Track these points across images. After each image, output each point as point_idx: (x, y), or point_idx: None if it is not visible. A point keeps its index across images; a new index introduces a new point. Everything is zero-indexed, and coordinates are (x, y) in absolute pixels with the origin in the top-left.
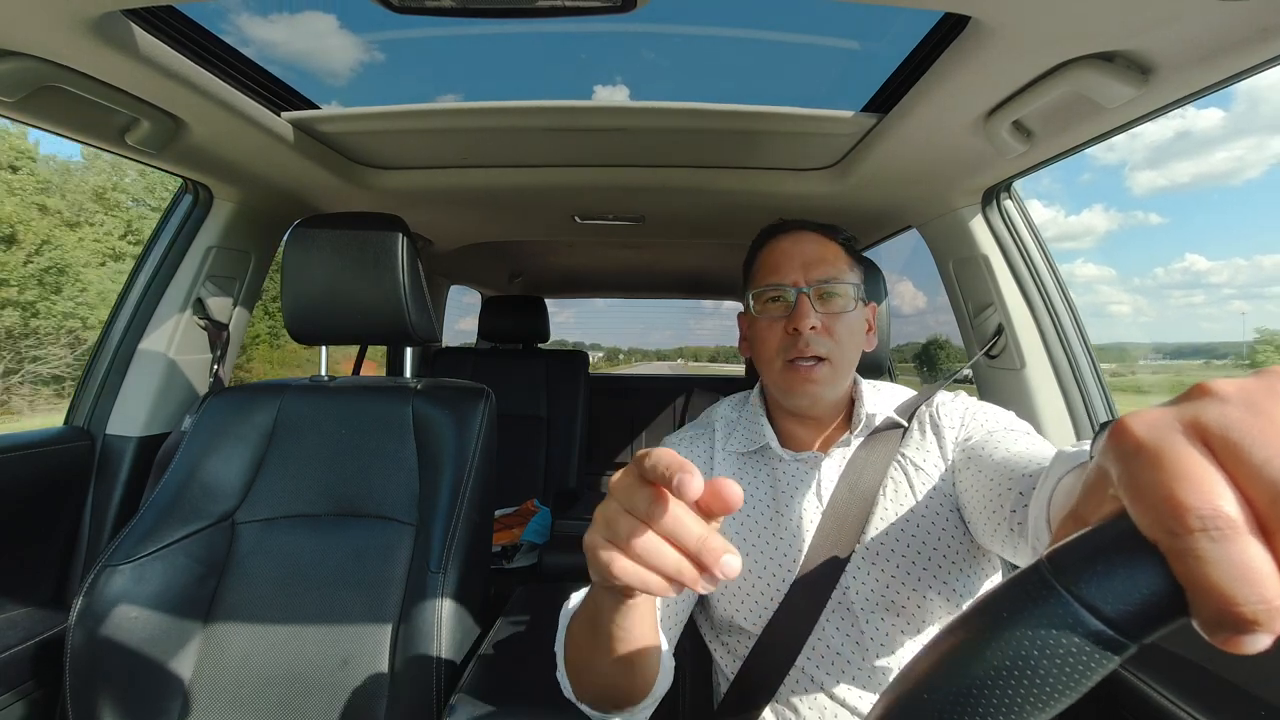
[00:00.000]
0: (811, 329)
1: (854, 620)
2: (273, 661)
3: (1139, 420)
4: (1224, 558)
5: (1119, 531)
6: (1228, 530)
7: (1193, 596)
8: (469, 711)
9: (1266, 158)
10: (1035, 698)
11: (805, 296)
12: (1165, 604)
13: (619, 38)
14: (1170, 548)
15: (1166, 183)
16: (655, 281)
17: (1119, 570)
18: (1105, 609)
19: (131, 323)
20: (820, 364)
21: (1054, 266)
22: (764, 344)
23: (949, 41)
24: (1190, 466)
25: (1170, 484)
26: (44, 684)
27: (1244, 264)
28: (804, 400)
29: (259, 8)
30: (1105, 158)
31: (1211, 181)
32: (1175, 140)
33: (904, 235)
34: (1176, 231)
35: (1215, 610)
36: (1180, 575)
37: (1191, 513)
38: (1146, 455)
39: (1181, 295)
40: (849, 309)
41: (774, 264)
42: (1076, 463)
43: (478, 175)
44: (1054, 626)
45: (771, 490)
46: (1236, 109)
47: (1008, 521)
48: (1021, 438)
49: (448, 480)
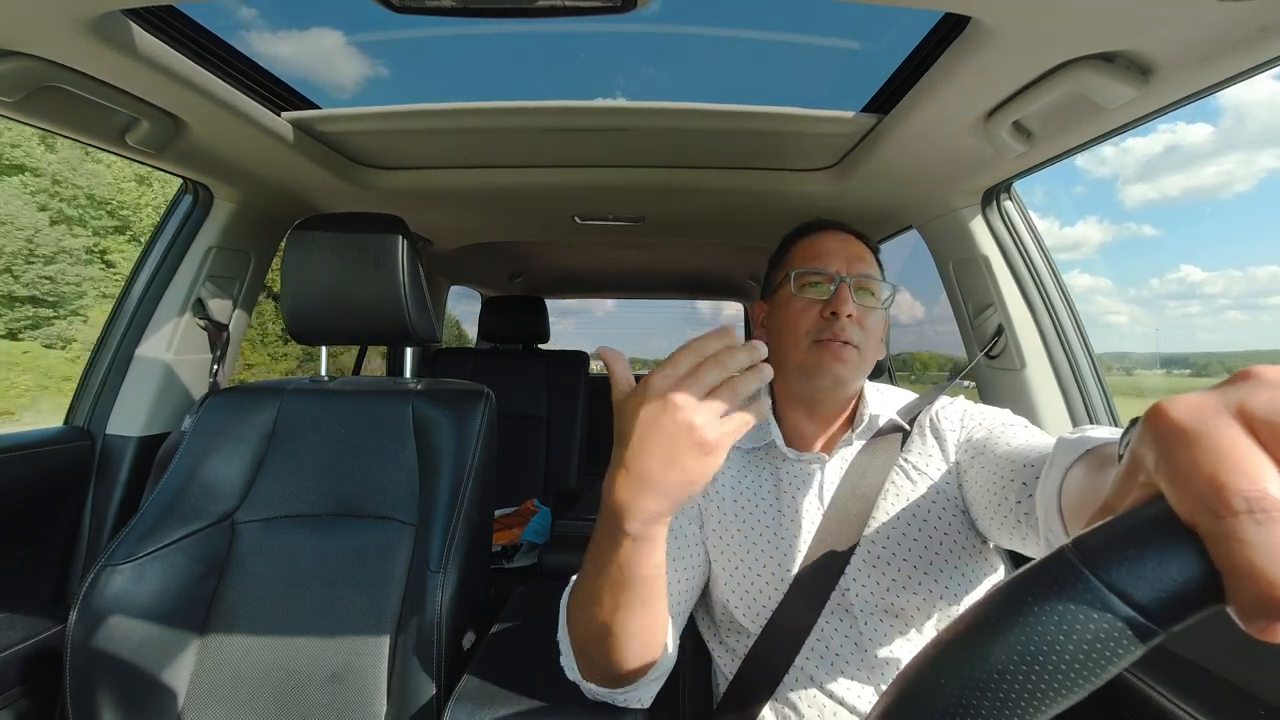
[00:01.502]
0: (849, 316)
1: (853, 621)
2: (272, 661)
3: (1179, 404)
4: (1268, 541)
5: (1151, 516)
6: (1274, 513)
7: (1232, 581)
8: (469, 711)
9: (1255, 172)
10: (1059, 684)
11: (847, 285)
12: (1200, 590)
13: (619, 38)
14: (1211, 530)
15: (1158, 196)
16: (655, 282)
17: (1151, 555)
18: (1136, 595)
19: (131, 323)
20: (849, 348)
21: (1054, 267)
22: (795, 324)
23: (949, 42)
24: (1236, 448)
25: (1214, 465)
26: (44, 684)
27: (1238, 275)
28: (827, 380)
29: (260, 7)
30: (1097, 171)
31: (1202, 195)
32: (1165, 154)
33: (904, 236)
34: (1170, 243)
35: (1256, 595)
36: (1219, 559)
37: (1236, 494)
38: (1188, 438)
39: (1178, 306)
40: (879, 307)
41: (816, 252)
42: (1081, 450)
43: (478, 175)
44: (1081, 612)
45: (774, 489)
46: (1224, 124)
47: (1014, 513)
48: (1020, 431)
49: (448, 480)
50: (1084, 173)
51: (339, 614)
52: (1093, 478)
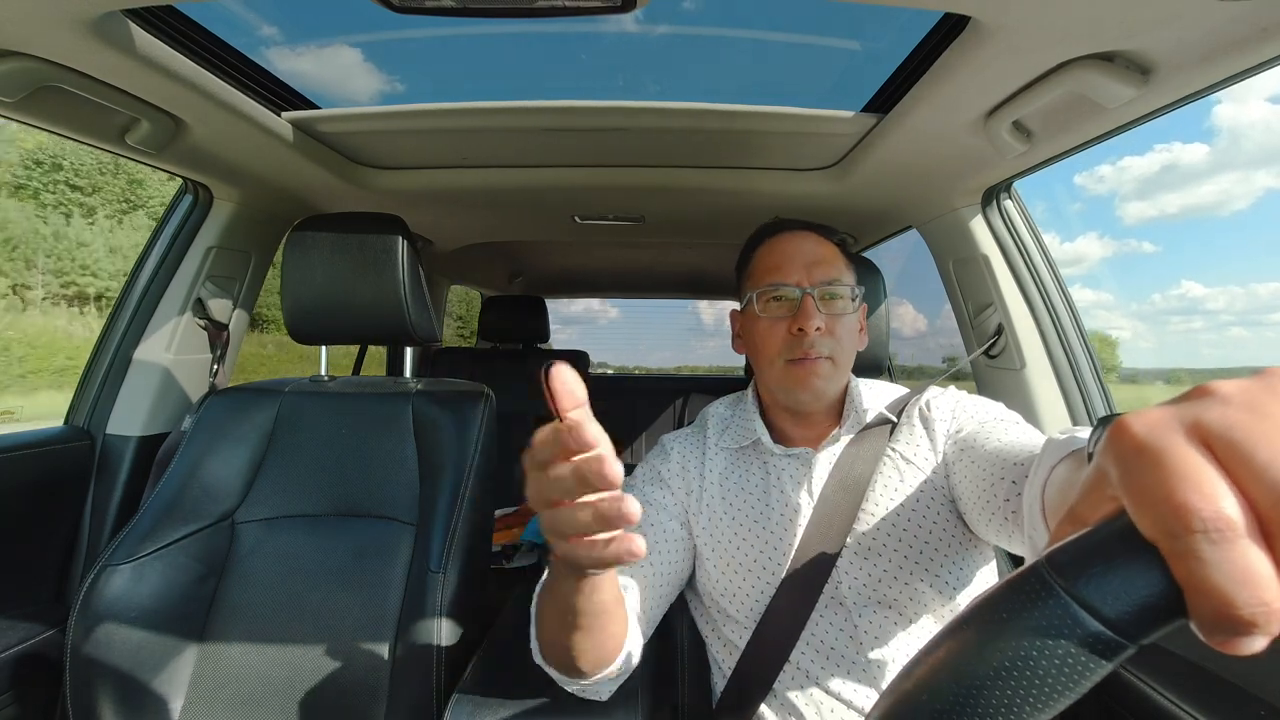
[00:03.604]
0: (817, 330)
1: (847, 614)
2: (272, 661)
3: (1139, 421)
4: (1224, 560)
5: (1117, 532)
6: (1228, 532)
7: (1191, 598)
8: (469, 711)
9: (1252, 190)
10: (1035, 698)
11: (810, 297)
12: (1164, 605)
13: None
14: (1170, 549)
15: (1156, 213)
16: (655, 281)
17: (1118, 571)
18: (1104, 610)
19: (131, 323)
20: (823, 360)
21: (1054, 266)
22: (765, 343)
23: (949, 42)
24: (1191, 468)
25: (1171, 485)
26: (44, 684)
27: (1240, 291)
28: (806, 396)
29: (260, 8)
30: (1095, 189)
31: (1200, 213)
32: (1162, 173)
33: (903, 236)
34: (1170, 259)
35: (1213, 612)
36: (1180, 577)
37: (1193, 514)
38: (1147, 456)
39: (1180, 321)
40: (849, 310)
41: (775, 263)
42: (1067, 450)
43: (478, 175)
44: (1053, 627)
45: (763, 484)
46: (1219, 144)
47: (1001, 510)
48: (1012, 427)
49: (448, 480)
50: (1081, 189)
51: (339, 614)
52: (1074, 476)
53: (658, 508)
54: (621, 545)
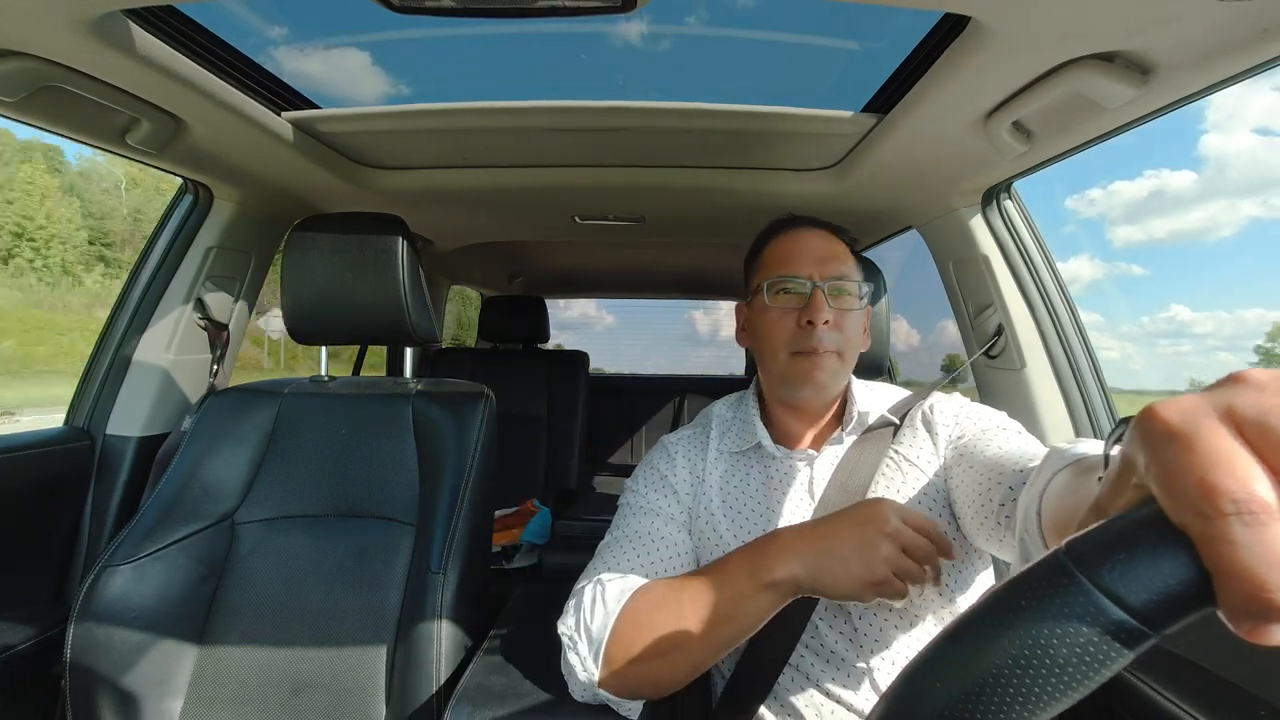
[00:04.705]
0: (825, 323)
1: (847, 617)
2: (272, 661)
3: (1170, 407)
4: (1257, 542)
5: (1143, 518)
6: (1262, 515)
7: (1221, 583)
8: (469, 711)
9: (1238, 219)
10: (1053, 688)
11: (820, 291)
12: (1191, 592)
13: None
14: (1201, 533)
15: (1145, 237)
16: (655, 281)
17: (1142, 558)
18: (1128, 598)
19: (131, 323)
20: (830, 355)
21: (1054, 267)
22: (772, 334)
23: (949, 42)
24: (1224, 451)
25: (1203, 468)
26: (44, 684)
27: (1227, 317)
28: (809, 390)
29: (260, 7)
30: (1085, 211)
31: (1188, 239)
32: (1150, 198)
33: (903, 238)
34: (1159, 282)
35: (1244, 596)
36: (1209, 561)
37: (1225, 496)
38: (1179, 440)
39: (1169, 344)
40: (856, 307)
41: (786, 256)
42: (1070, 460)
43: (478, 175)
44: (1074, 616)
45: (764, 486)
46: (1206, 172)
47: (995, 516)
48: (1013, 436)
49: (448, 480)
50: (1071, 212)
51: (339, 614)
52: (1075, 483)
53: (665, 518)
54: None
